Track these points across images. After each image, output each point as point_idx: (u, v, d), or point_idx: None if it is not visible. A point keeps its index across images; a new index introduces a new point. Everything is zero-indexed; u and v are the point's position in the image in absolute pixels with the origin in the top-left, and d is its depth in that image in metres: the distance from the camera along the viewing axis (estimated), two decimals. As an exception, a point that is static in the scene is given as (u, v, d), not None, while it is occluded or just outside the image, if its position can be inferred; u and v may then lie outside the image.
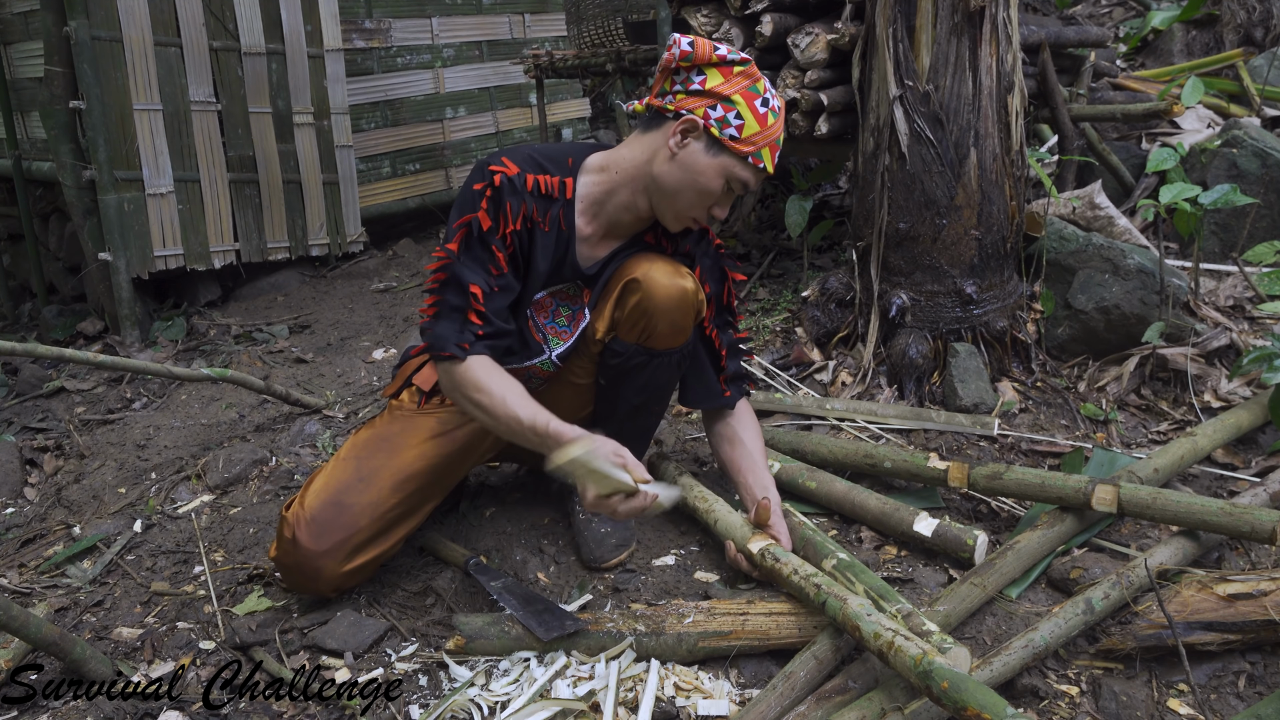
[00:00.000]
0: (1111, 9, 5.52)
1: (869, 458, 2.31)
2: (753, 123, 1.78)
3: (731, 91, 1.78)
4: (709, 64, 1.79)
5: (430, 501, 2.02)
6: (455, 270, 1.79)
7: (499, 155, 1.84)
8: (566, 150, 1.92)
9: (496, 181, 1.79)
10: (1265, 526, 1.76)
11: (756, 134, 1.79)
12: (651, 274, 1.88)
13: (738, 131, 1.78)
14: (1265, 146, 3.29)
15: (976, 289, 2.79)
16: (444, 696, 1.70)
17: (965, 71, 2.70)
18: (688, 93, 1.80)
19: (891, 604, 1.67)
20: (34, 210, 4.73)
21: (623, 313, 1.92)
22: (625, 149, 1.90)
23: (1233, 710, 1.62)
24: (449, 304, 1.79)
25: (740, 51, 1.80)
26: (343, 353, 3.81)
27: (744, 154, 1.80)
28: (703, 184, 1.81)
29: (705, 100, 1.78)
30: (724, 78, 1.78)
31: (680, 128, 1.80)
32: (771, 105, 1.81)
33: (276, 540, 1.94)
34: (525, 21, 5.89)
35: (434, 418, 2.02)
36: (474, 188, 1.80)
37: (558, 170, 1.87)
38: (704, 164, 1.80)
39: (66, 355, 2.86)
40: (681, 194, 1.84)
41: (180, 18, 4.16)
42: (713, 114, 1.78)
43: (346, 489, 1.90)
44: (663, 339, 1.94)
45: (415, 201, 5.51)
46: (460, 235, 1.79)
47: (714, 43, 1.78)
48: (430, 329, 1.80)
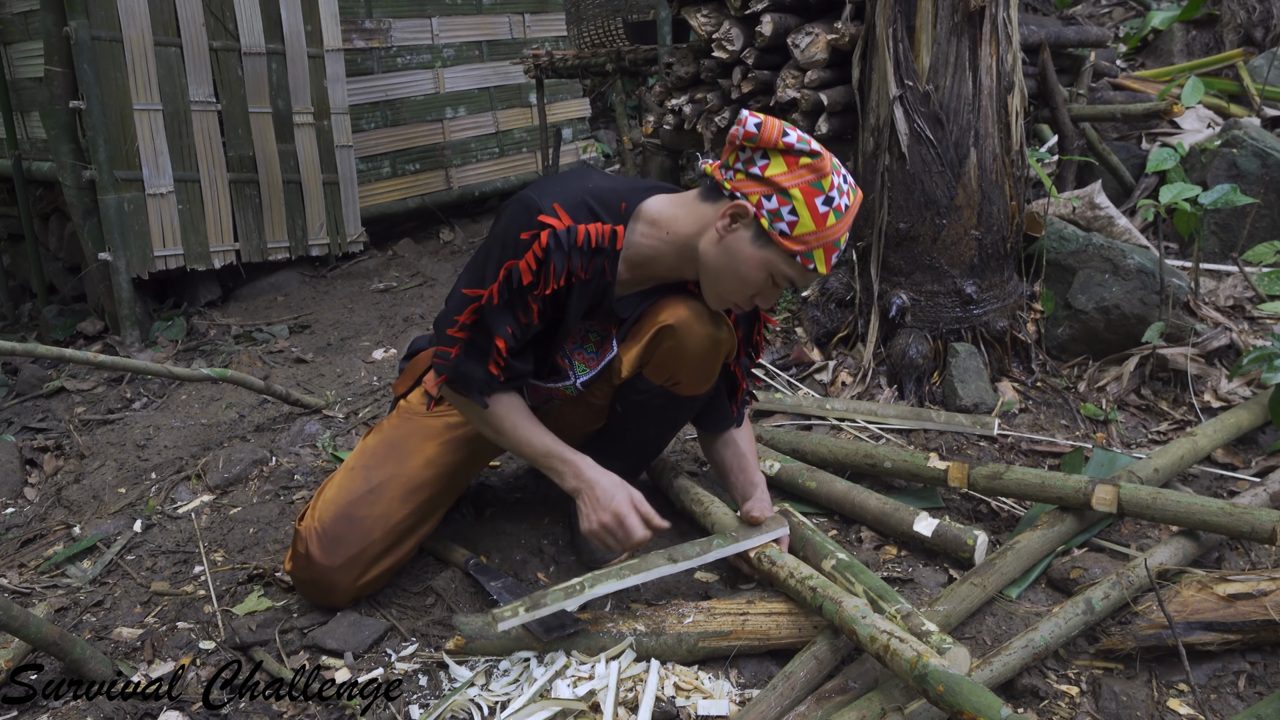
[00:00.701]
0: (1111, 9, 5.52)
1: (869, 458, 2.31)
2: (808, 221, 1.65)
3: (791, 184, 1.64)
4: (774, 149, 1.65)
5: (441, 508, 2.03)
6: (488, 316, 1.75)
7: (550, 198, 1.72)
8: (621, 192, 1.80)
9: (544, 240, 1.69)
10: (1265, 526, 1.76)
11: (810, 233, 1.66)
12: (686, 321, 1.83)
13: (789, 228, 1.66)
14: (1265, 146, 3.29)
15: (976, 289, 2.79)
16: (444, 696, 1.70)
17: (965, 71, 2.70)
18: (747, 175, 1.67)
19: (891, 604, 1.67)
20: (34, 210, 4.73)
21: (652, 355, 1.88)
22: (681, 209, 1.78)
23: (1233, 710, 1.62)
24: (476, 345, 1.77)
25: (813, 141, 1.66)
26: (343, 353, 3.81)
27: (792, 252, 1.67)
28: (744, 274, 1.72)
29: (762, 188, 1.66)
30: (787, 167, 1.65)
31: (730, 211, 1.68)
32: (836, 205, 1.67)
33: (291, 554, 1.95)
34: (525, 21, 5.88)
35: (442, 421, 2.02)
36: (521, 236, 1.70)
37: (609, 217, 1.77)
38: (748, 254, 1.70)
39: (66, 355, 2.86)
40: (723, 279, 1.75)
41: (180, 18, 4.16)
42: (766, 204, 1.66)
43: (357, 501, 1.91)
44: (688, 386, 1.93)
45: (415, 201, 5.51)
46: (499, 283, 1.72)
47: (785, 126, 1.65)
48: (455, 365, 1.79)
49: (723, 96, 3.46)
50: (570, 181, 1.79)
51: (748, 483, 2.03)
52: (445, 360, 1.81)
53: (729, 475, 2.08)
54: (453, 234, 5.54)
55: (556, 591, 1.72)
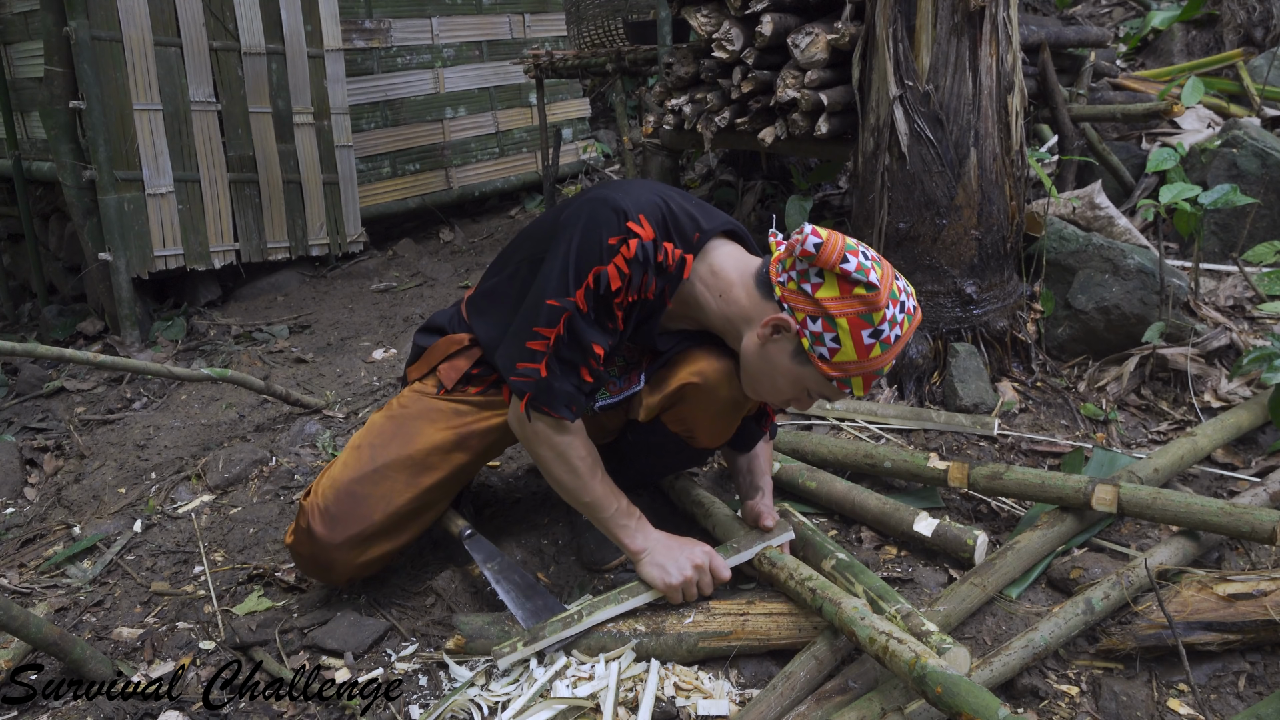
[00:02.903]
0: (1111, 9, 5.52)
1: (869, 458, 2.31)
2: (850, 351, 1.60)
3: (840, 313, 1.58)
4: (830, 271, 1.58)
5: (445, 499, 2.02)
6: (576, 324, 1.67)
7: (635, 204, 1.68)
8: (697, 219, 1.75)
9: (633, 247, 1.65)
10: (1265, 526, 1.76)
11: (850, 363, 1.61)
12: (712, 382, 1.79)
13: (829, 354, 1.61)
14: (1265, 146, 3.29)
15: (976, 289, 2.79)
16: (444, 696, 1.70)
17: (965, 71, 2.70)
18: (798, 289, 1.61)
19: (891, 604, 1.67)
20: (34, 210, 4.73)
21: (671, 407, 1.86)
22: (738, 281, 1.72)
23: (1233, 710, 1.62)
24: (561, 356, 1.69)
25: (875, 270, 1.58)
26: (343, 353, 3.81)
27: (829, 377, 1.64)
28: (779, 384, 1.70)
29: (810, 307, 1.60)
30: (840, 293, 1.58)
31: (772, 322, 1.64)
32: (885, 337, 1.60)
33: (293, 529, 1.94)
34: (525, 21, 5.89)
35: (451, 408, 1.97)
36: (609, 240, 1.65)
37: (682, 243, 1.72)
38: (785, 367, 1.67)
39: (66, 355, 2.86)
40: (759, 381, 1.73)
41: (180, 18, 4.16)
42: (810, 325, 1.61)
43: (361, 479, 1.90)
44: (704, 440, 1.93)
45: (415, 201, 5.51)
46: (586, 287, 1.66)
47: (848, 251, 1.57)
48: (537, 381, 1.70)
49: (723, 96, 3.46)
50: (651, 193, 1.73)
51: (752, 485, 2.03)
52: (530, 377, 1.70)
53: (738, 475, 2.08)
54: (453, 234, 5.54)
55: (555, 623, 1.74)
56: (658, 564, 1.79)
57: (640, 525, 1.84)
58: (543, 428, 1.76)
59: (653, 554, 1.80)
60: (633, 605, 1.78)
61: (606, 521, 1.83)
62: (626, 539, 1.82)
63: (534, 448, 1.81)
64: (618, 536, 1.83)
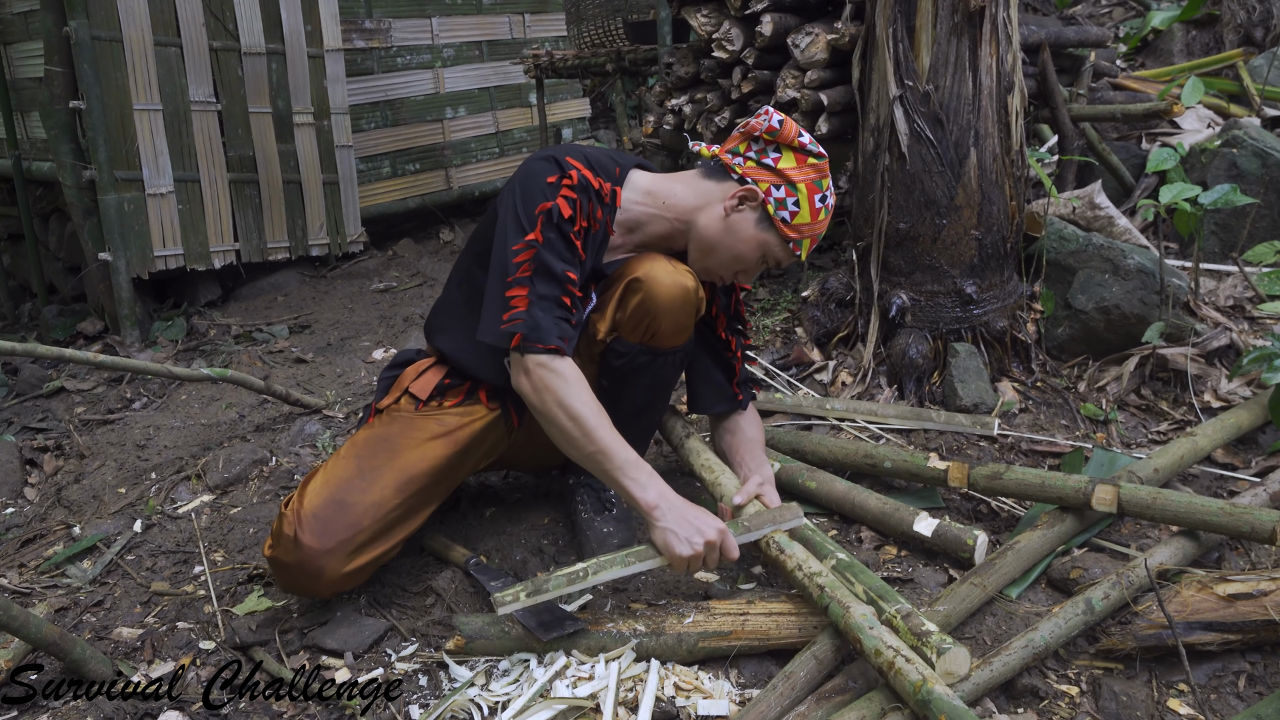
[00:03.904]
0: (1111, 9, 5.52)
1: (869, 458, 2.31)
2: (806, 213, 1.88)
3: (800, 179, 1.86)
4: (789, 146, 1.87)
5: (430, 505, 2.01)
6: (543, 257, 1.79)
7: (561, 152, 1.87)
8: (614, 158, 1.95)
9: (575, 177, 1.82)
10: (1265, 526, 1.76)
11: (806, 225, 1.89)
12: (653, 273, 1.89)
13: (790, 217, 1.87)
14: (1265, 146, 3.29)
15: (976, 289, 2.79)
16: (444, 696, 1.70)
17: (965, 71, 2.70)
18: (759, 164, 1.88)
19: (891, 604, 1.67)
20: (34, 210, 4.73)
21: (625, 313, 1.92)
22: (678, 185, 1.95)
23: (1233, 710, 1.62)
24: (539, 293, 1.78)
25: (819, 145, 1.89)
26: (343, 353, 3.81)
27: (788, 238, 1.89)
28: (741, 251, 1.91)
29: (773, 178, 1.86)
30: (797, 163, 1.87)
31: (741, 194, 1.87)
32: (828, 203, 1.90)
33: (273, 538, 1.88)
34: (525, 21, 5.89)
35: (433, 419, 2.01)
36: (547, 180, 1.81)
37: (607, 177, 1.91)
38: (749, 234, 1.89)
39: (66, 355, 2.86)
40: (718, 252, 1.92)
41: (180, 18, 4.16)
42: (775, 193, 1.86)
43: (348, 487, 1.88)
44: (666, 338, 1.95)
45: (415, 201, 5.51)
46: (541, 222, 1.79)
47: (801, 128, 1.87)
48: (525, 319, 1.76)
49: (723, 96, 3.46)
50: (567, 147, 1.92)
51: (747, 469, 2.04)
52: (516, 319, 1.77)
53: (734, 457, 2.10)
54: (453, 234, 5.54)
55: (559, 577, 1.71)
56: (671, 529, 1.73)
57: (652, 479, 1.77)
58: (542, 373, 1.77)
59: (665, 516, 1.74)
60: (639, 569, 1.76)
61: (615, 474, 1.76)
62: (638, 492, 1.75)
63: (538, 397, 1.78)
64: (628, 490, 1.76)
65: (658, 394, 2.09)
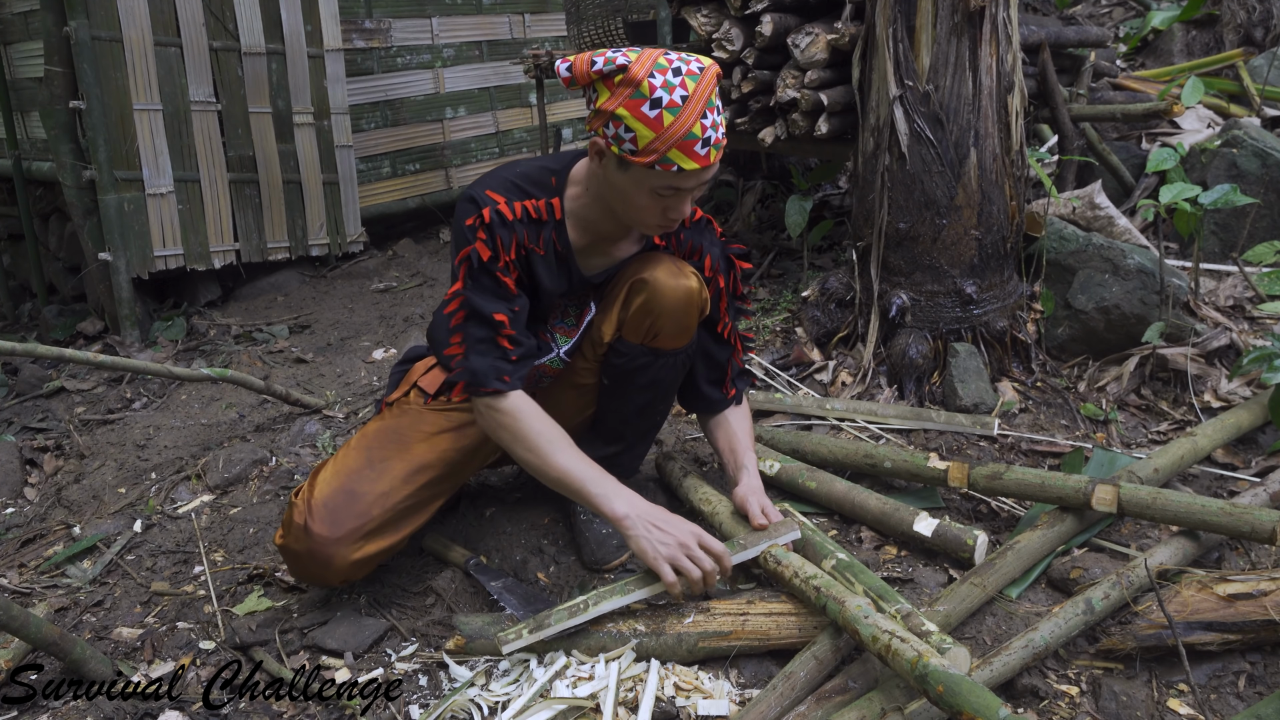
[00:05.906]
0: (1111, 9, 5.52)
1: (869, 458, 2.31)
2: (645, 130, 1.66)
3: (615, 106, 1.68)
4: (590, 82, 1.72)
5: (438, 499, 2.03)
6: (472, 303, 1.81)
7: (482, 186, 1.85)
8: (549, 168, 1.91)
9: (486, 215, 1.81)
10: (1265, 526, 1.76)
11: (653, 140, 1.66)
12: (656, 274, 1.89)
13: (633, 145, 1.68)
14: (1265, 146, 3.29)
15: (976, 289, 2.79)
16: (444, 696, 1.70)
17: (965, 71, 2.70)
18: (594, 114, 1.73)
19: (891, 604, 1.67)
20: (34, 210, 4.73)
21: (628, 314, 1.93)
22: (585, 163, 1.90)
23: (1233, 710, 1.62)
24: (474, 337, 1.82)
25: (621, 55, 1.68)
26: (343, 353, 3.81)
27: (649, 164, 1.68)
28: (629, 198, 1.77)
29: (601, 119, 1.71)
30: (609, 91, 1.69)
31: (593, 152, 1.78)
32: (668, 103, 1.64)
33: (284, 527, 1.91)
34: (525, 21, 5.89)
35: (442, 414, 2.04)
36: (466, 223, 1.82)
37: (542, 193, 1.87)
38: (621, 181, 1.75)
39: (66, 355, 2.86)
40: (621, 210, 1.82)
41: (180, 18, 4.16)
42: (608, 132, 1.71)
43: (358, 477, 1.91)
44: (668, 339, 1.95)
45: (415, 201, 5.51)
46: (464, 270, 1.82)
47: (594, 56, 1.70)
48: (463, 366, 1.82)
49: (722, 97, 3.46)
50: (500, 172, 1.90)
51: (737, 465, 2.03)
52: (458, 369, 1.84)
53: (721, 458, 2.10)
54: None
55: (560, 611, 1.72)
56: (642, 537, 1.72)
57: (619, 490, 1.77)
58: (492, 413, 1.83)
59: (635, 526, 1.73)
60: (639, 597, 1.76)
61: (581, 492, 1.77)
62: (605, 505, 1.74)
63: (496, 436, 1.86)
64: (596, 505, 1.76)
65: (659, 394, 2.08)
